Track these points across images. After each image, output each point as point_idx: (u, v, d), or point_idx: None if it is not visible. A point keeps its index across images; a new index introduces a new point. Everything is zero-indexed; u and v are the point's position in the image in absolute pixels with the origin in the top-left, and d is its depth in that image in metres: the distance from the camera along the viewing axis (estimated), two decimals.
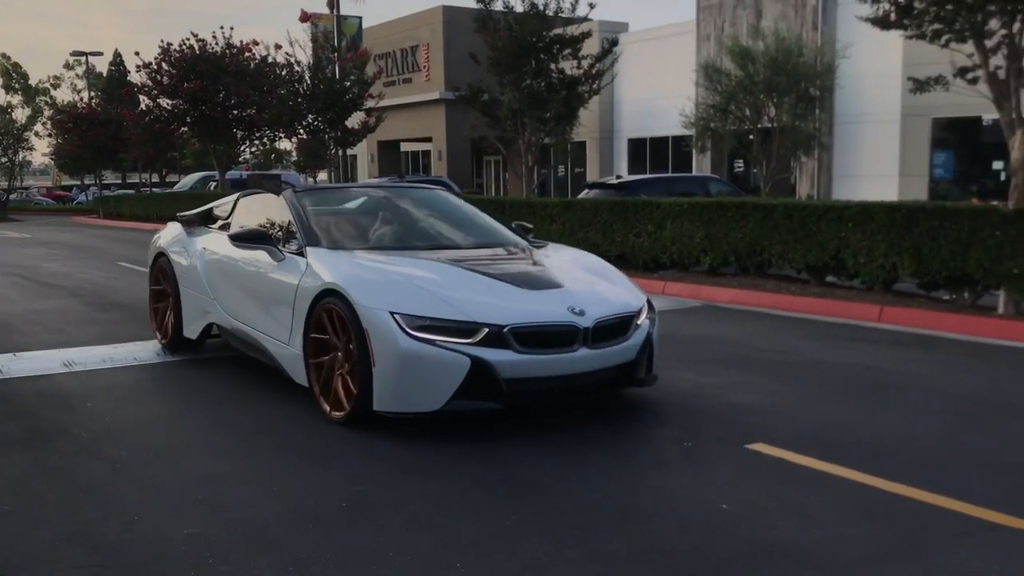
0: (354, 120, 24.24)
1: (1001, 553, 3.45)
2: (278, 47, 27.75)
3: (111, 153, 37.37)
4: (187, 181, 36.56)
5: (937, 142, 21.24)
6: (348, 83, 23.35)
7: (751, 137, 19.11)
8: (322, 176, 31.97)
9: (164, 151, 33.56)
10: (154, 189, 37.46)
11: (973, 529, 3.68)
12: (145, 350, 7.55)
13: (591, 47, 18.63)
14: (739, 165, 25.32)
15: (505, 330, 4.82)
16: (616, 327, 5.22)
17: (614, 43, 17.84)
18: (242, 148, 31.22)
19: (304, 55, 24.62)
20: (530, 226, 7.06)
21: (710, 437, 5.00)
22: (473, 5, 17.44)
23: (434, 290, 5.06)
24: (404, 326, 4.82)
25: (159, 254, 7.58)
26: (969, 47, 8.94)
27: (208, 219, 7.40)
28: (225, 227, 6.93)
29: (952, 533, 3.64)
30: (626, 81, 27.54)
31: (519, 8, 16.72)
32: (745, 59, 18.81)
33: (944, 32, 8.99)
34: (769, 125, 18.82)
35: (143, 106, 30.25)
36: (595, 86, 17.30)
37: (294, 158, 31.52)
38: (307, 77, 23.02)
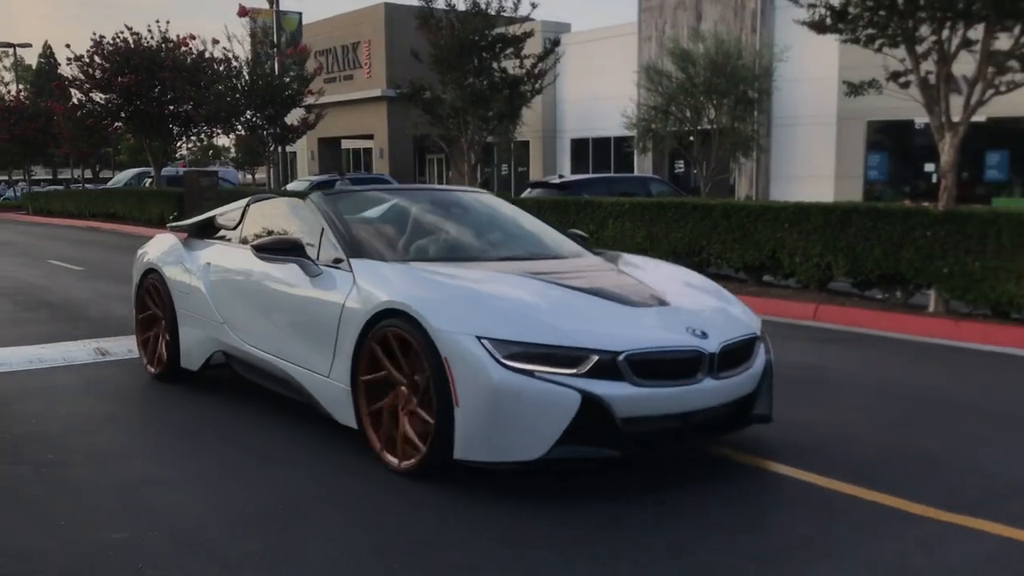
0: (294, 117, 23.91)
1: (917, 542, 3.53)
2: (215, 42, 27.27)
3: (41, 148, 36.24)
4: (121, 177, 35.66)
5: (872, 144, 21.78)
6: (287, 79, 23.02)
7: (691, 138, 19.34)
8: (260, 175, 31.48)
9: (97, 146, 32.70)
10: (87, 185, 36.49)
11: (892, 519, 3.76)
12: (76, 350, 7.32)
13: (534, 47, 18.66)
14: (680, 166, 25.63)
15: (620, 358, 3.94)
16: (740, 352, 4.40)
17: (556, 43, 17.90)
18: (178, 144, 30.57)
19: (242, 50, 24.26)
20: (585, 235, 6.25)
21: None
22: (415, 2, 17.34)
23: (527, 309, 4.17)
24: (496, 354, 3.90)
25: (148, 271, 6.48)
26: (901, 52, 9.15)
27: (208, 230, 6.35)
28: (235, 238, 5.98)
29: (873, 522, 3.71)
30: (569, 81, 27.68)
31: (461, 6, 16.68)
32: (685, 61, 19.05)
33: (877, 37, 9.19)
34: (709, 127, 19.07)
35: (75, 100, 29.41)
36: (537, 86, 17.35)
37: (232, 155, 30.96)
38: (245, 73, 22.63)
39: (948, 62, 8.89)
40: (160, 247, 6.56)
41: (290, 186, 26.38)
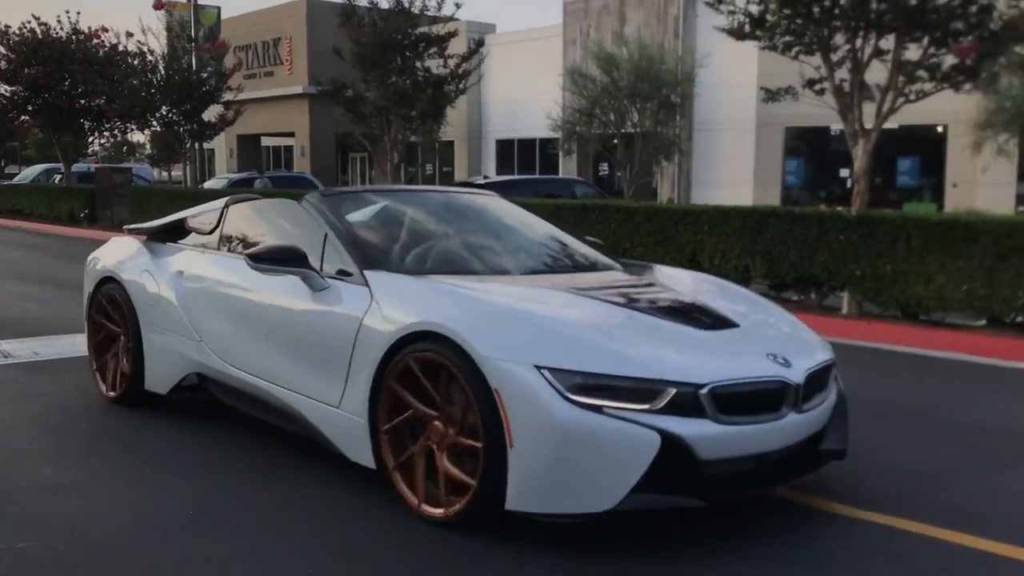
0: (212, 113, 23.35)
1: (834, 543, 3.60)
2: (130, 35, 26.43)
3: None
4: (28, 173, 34.24)
5: (789, 150, 22.37)
6: (205, 75, 22.47)
7: (615, 141, 19.56)
8: (177, 172, 30.68)
9: (2, 140, 31.36)
10: None
11: (813, 518, 3.83)
12: None
13: (458, 46, 18.62)
14: (604, 168, 25.90)
15: (704, 391, 3.39)
16: (820, 381, 3.90)
17: (480, 43, 17.91)
18: (90, 140, 29.55)
19: (158, 44, 23.57)
20: (600, 242, 5.71)
21: None
22: None
23: (590, 333, 3.59)
24: (560, 387, 3.32)
25: (104, 279, 5.67)
26: (818, 60, 9.40)
27: (175, 233, 5.63)
28: (211, 244, 5.26)
29: (798, 520, 3.78)
30: (494, 82, 27.70)
31: (384, 4, 16.54)
32: (610, 65, 19.26)
33: (794, 45, 9.42)
34: (632, 130, 19.33)
35: None
36: (461, 86, 17.31)
37: (148, 151, 30.07)
38: (161, 67, 22.02)
39: (861, 70, 9.15)
40: (118, 252, 5.75)
41: (207, 184, 25.78)
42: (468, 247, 4.78)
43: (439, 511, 3.60)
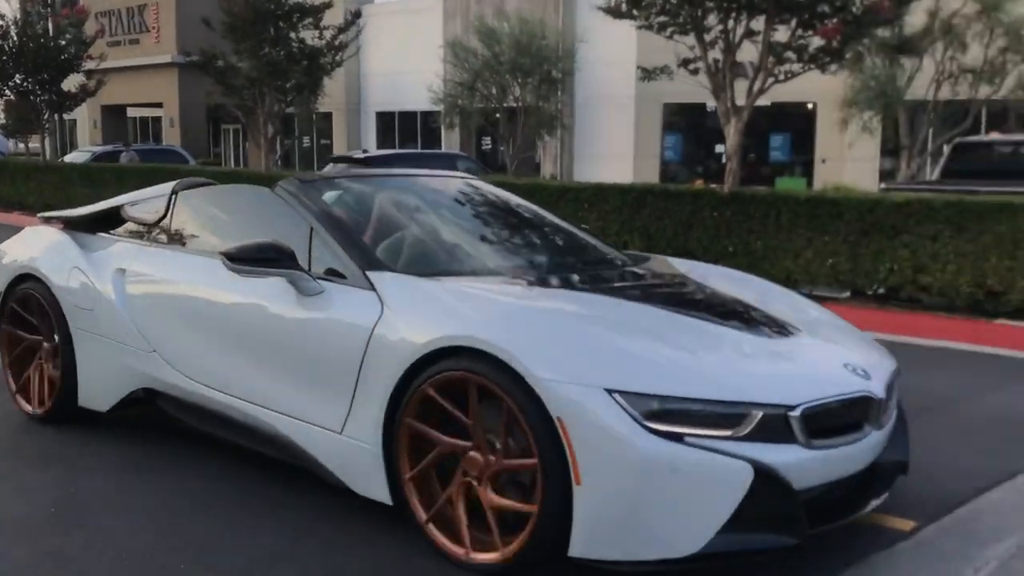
0: (72, 83, 22.00)
1: None
2: None
3: None
4: None
5: (668, 126, 22.79)
6: (64, 42, 21.13)
7: (498, 116, 19.48)
8: (36, 144, 28.93)
9: None
10: None
11: None
12: None
13: (334, 17, 18.07)
14: (487, 143, 25.79)
15: (795, 413, 2.96)
16: (890, 391, 3.51)
17: (358, 15, 17.40)
18: None
19: (9, 9, 22.01)
20: (585, 227, 5.33)
21: None
22: None
23: (662, 349, 3.12)
24: (636, 414, 2.85)
25: (21, 277, 4.80)
26: (692, 39, 9.50)
27: (108, 222, 4.84)
28: (159, 236, 4.51)
29: None
30: (373, 54, 27.12)
31: None
32: (491, 39, 19.12)
33: (669, 24, 9.48)
34: (515, 104, 19.27)
35: None
36: (338, 58, 16.82)
37: (2, 122, 28.19)
38: (13, 34, 20.56)
39: (733, 51, 9.30)
40: (36, 245, 4.91)
41: (69, 157, 24.39)
42: (482, 243, 4.22)
43: (494, 555, 3.05)
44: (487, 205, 4.71)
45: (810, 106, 20.84)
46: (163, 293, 4.28)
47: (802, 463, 2.95)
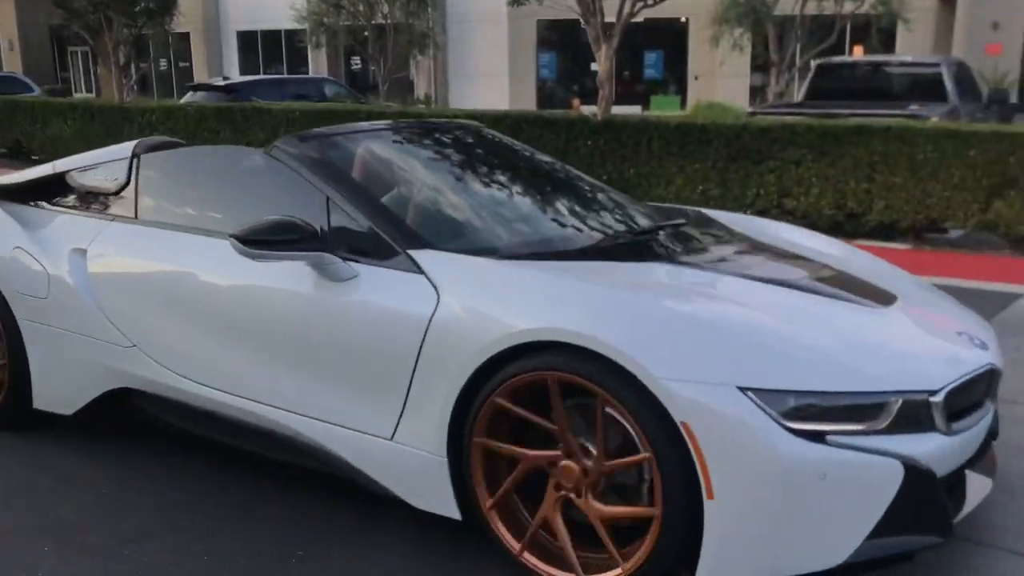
0: None
1: None
2: None
3: None
4: None
5: (542, 43, 22.46)
6: None
7: (366, 34, 18.72)
8: None
9: None
10: None
11: None
12: None
13: None
14: (356, 63, 24.89)
15: (936, 398, 2.64)
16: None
17: None
18: None
19: None
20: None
21: None
22: None
23: (789, 336, 2.69)
24: (774, 414, 2.47)
25: None
26: None
27: (48, 191, 4.07)
28: (122, 210, 3.79)
29: None
30: None
31: None
32: None
33: None
34: (383, 22, 18.55)
35: None
36: None
37: None
38: None
39: None
40: None
41: None
42: (530, 209, 3.59)
43: (615, 572, 2.62)
44: (513, 158, 4.07)
45: (683, 19, 20.88)
46: (144, 279, 3.58)
47: (944, 451, 2.64)
